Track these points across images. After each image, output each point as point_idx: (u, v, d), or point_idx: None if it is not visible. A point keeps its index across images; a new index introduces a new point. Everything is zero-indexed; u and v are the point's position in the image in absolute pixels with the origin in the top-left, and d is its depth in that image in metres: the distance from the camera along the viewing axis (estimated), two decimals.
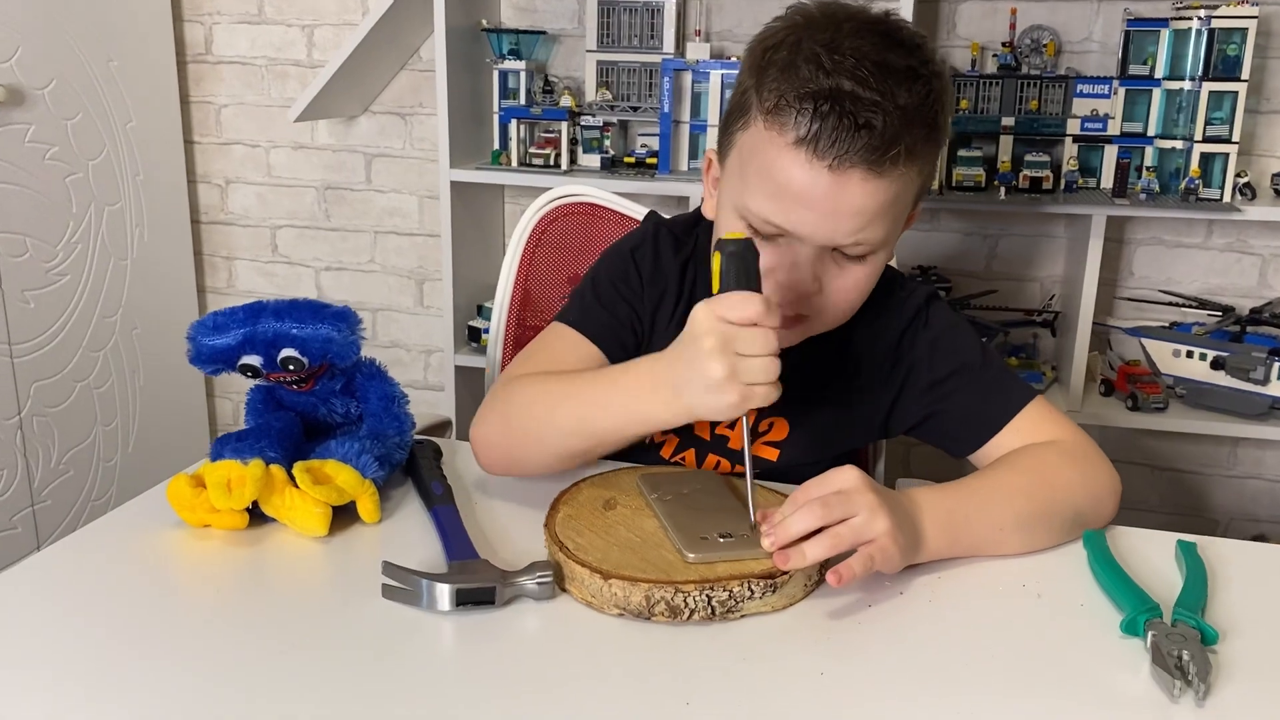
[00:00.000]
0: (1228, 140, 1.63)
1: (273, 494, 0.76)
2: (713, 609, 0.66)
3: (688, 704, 0.58)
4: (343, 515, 0.78)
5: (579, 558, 0.69)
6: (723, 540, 0.70)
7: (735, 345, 0.67)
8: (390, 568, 0.68)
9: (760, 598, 0.67)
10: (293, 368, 0.81)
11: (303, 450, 0.82)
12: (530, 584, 0.68)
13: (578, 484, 0.81)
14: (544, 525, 0.75)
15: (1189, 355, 1.70)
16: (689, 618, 0.66)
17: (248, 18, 2.13)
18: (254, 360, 0.80)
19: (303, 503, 0.76)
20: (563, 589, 0.69)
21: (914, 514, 0.72)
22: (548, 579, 0.68)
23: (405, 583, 0.68)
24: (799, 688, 0.60)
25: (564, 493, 0.79)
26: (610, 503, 0.78)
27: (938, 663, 0.63)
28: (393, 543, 0.77)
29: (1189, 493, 1.93)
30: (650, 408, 0.74)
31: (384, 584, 0.68)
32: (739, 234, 0.72)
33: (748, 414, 0.71)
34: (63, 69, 1.83)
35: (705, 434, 0.92)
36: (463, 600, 0.66)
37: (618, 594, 0.66)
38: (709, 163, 0.88)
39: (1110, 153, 1.72)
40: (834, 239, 0.77)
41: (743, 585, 0.66)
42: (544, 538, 0.74)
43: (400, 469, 0.86)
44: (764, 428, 0.92)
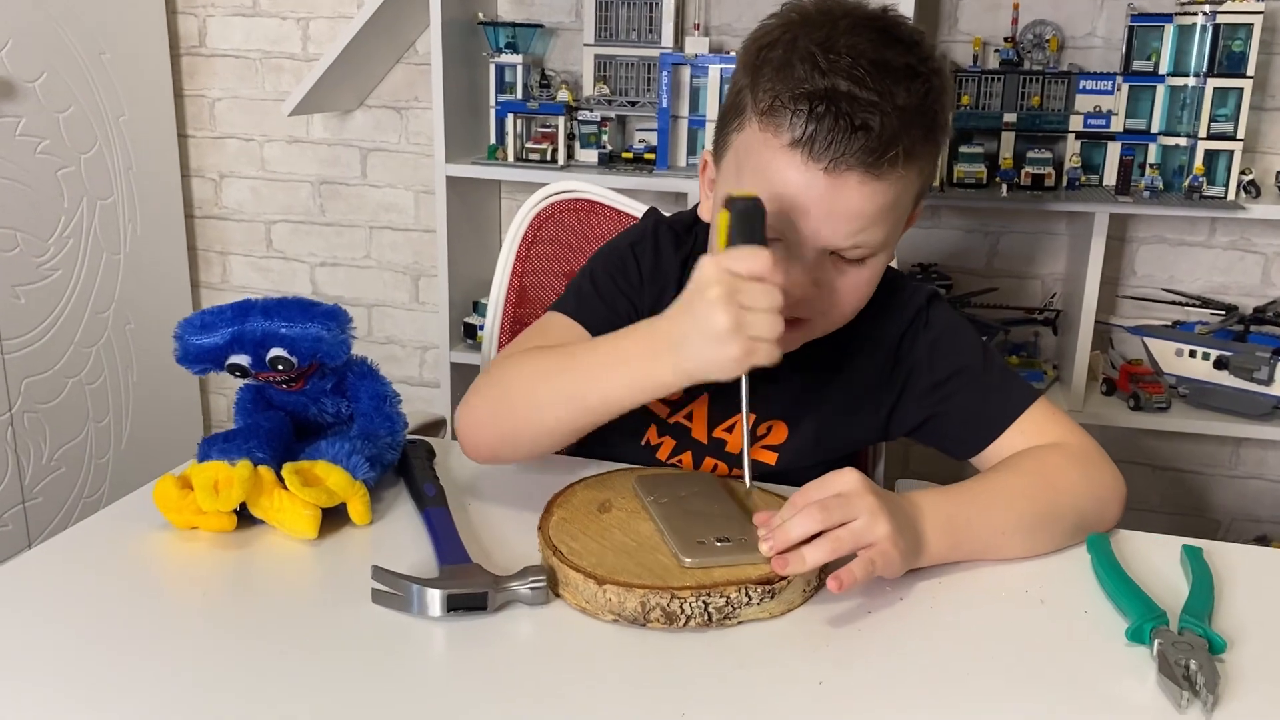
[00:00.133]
0: (1232, 137, 1.61)
1: (261, 495, 0.75)
2: (709, 615, 0.65)
3: (683, 714, 0.57)
4: (333, 517, 0.77)
5: (573, 562, 0.68)
6: (720, 545, 0.70)
7: (740, 297, 0.66)
8: (380, 572, 0.67)
9: (758, 604, 0.66)
10: (282, 367, 0.80)
11: (292, 451, 0.82)
12: (523, 589, 0.67)
13: (572, 486, 0.80)
14: (537, 528, 0.73)
15: (1192, 355, 1.69)
16: (685, 624, 0.65)
17: (242, 10, 2.12)
18: (242, 360, 0.79)
19: (292, 505, 0.75)
20: (556, 594, 0.69)
21: (915, 517, 0.71)
22: (541, 584, 0.67)
23: (395, 588, 0.67)
24: (797, 696, 0.59)
25: (558, 495, 0.78)
26: (605, 505, 0.77)
27: (939, 671, 0.62)
28: (384, 545, 0.76)
29: (1190, 493, 1.92)
30: (647, 369, 0.71)
31: (373, 589, 0.67)
32: (748, 192, 0.70)
33: (748, 416, 0.70)
34: (54, 61, 1.82)
35: (702, 437, 0.91)
36: (454, 606, 0.66)
37: (612, 600, 0.65)
38: (704, 164, 0.87)
39: (1113, 150, 1.70)
40: (832, 242, 0.76)
41: (740, 591, 0.66)
42: (537, 541, 0.73)
43: (392, 469, 0.86)
44: (762, 431, 0.90)
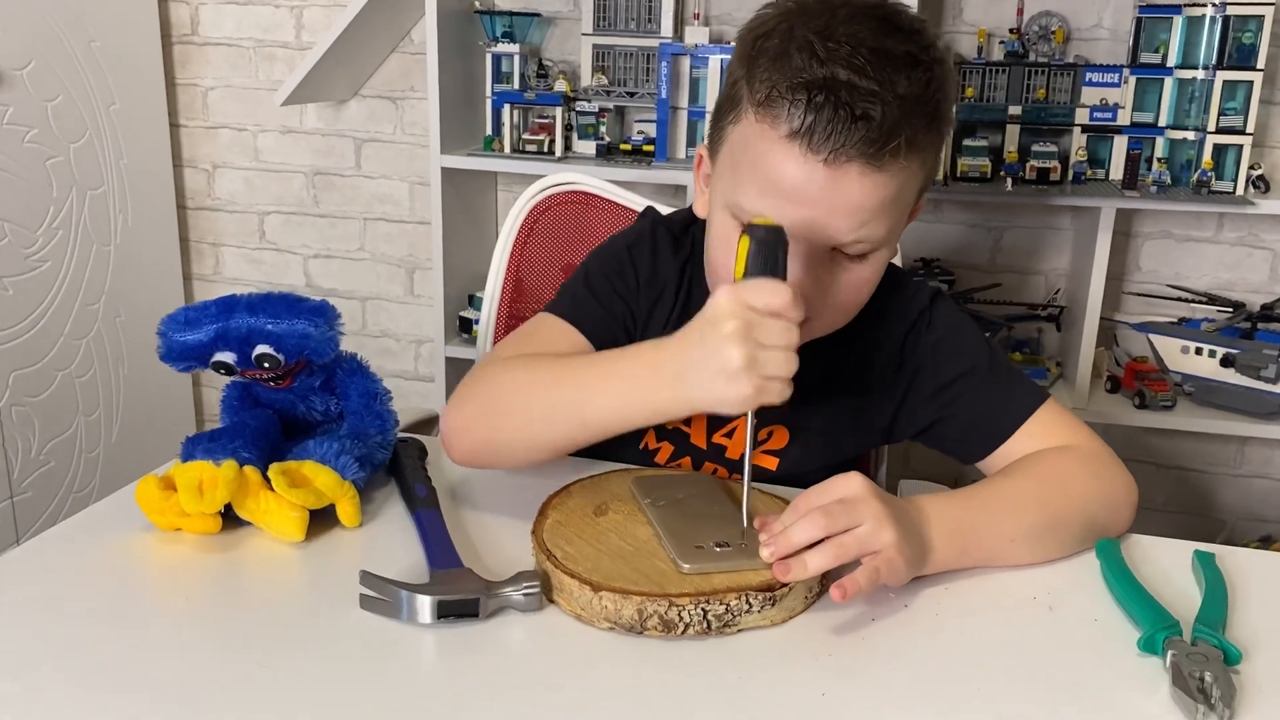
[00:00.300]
0: (1241, 131, 1.59)
1: (247, 497, 0.74)
2: (708, 623, 0.63)
3: None
4: (321, 519, 0.75)
5: (568, 568, 0.66)
6: (719, 550, 0.68)
7: (757, 334, 0.63)
8: (368, 577, 0.66)
9: (759, 611, 0.65)
10: (268, 365, 0.78)
11: (280, 450, 0.80)
12: (516, 595, 0.65)
13: (567, 488, 0.78)
14: (531, 532, 0.72)
15: (1198, 352, 1.67)
16: (684, 632, 0.63)
17: None
18: (227, 357, 0.78)
19: (278, 506, 0.73)
20: (550, 601, 0.67)
21: (921, 524, 0.70)
22: (534, 590, 0.65)
23: (384, 593, 0.65)
24: (799, 707, 0.58)
25: (553, 497, 0.76)
26: (601, 508, 0.75)
27: (944, 680, 0.61)
28: (373, 548, 0.74)
29: (1194, 492, 1.91)
30: (649, 395, 0.69)
31: (362, 594, 0.65)
32: (768, 219, 0.68)
33: (751, 418, 0.68)
34: (42, 49, 1.79)
35: (701, 442, 0.89)
36: (444, 613, 0.64)
37: (608, 607, 0.63)
38: (700, 159, 0.84)
39: (1120, 143, 1.68)
40: (832, 238, 0.73)
41: (740, 598, 0.64)
42: (531, 545, 0.71)
43: (384, 468, 0.84)
44: (763, 436, 0.88)
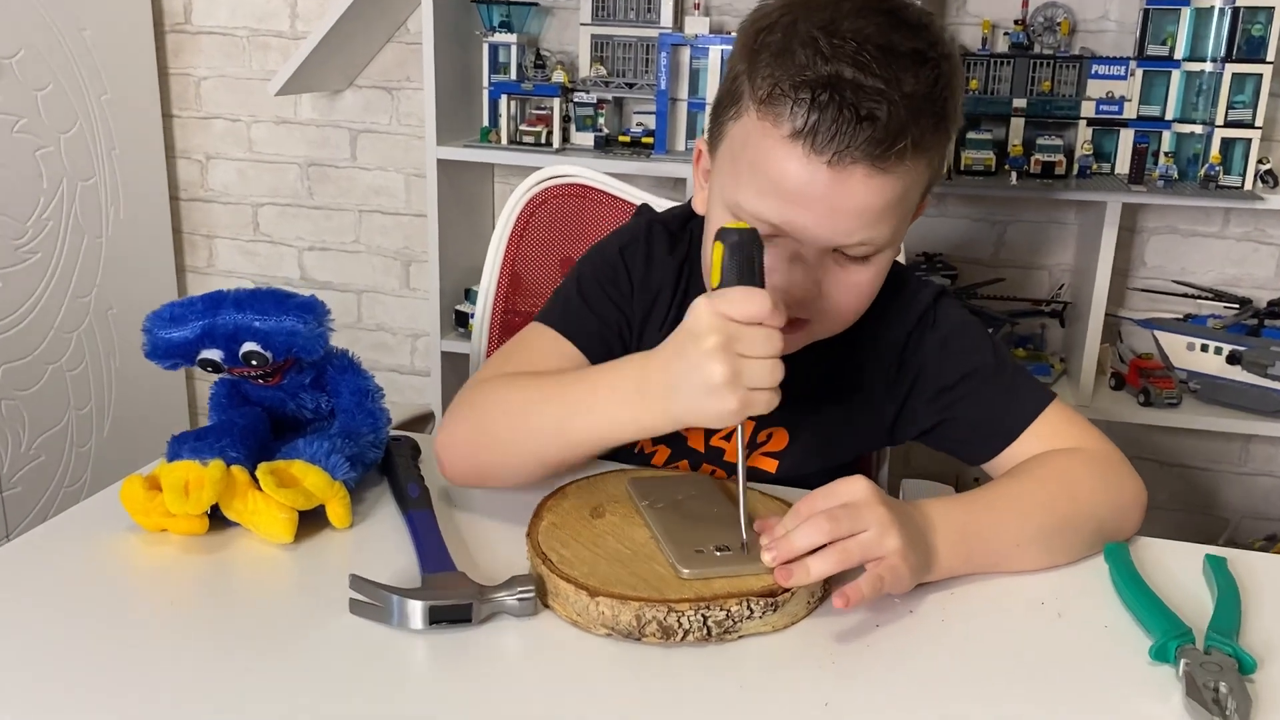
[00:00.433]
0: (1250, 125, 1.58)
1: (234, 497, 0.72)
2: (709, 629, 0.62)
3: None
4: (311, 519, 0.74)
5: (563, 572, 0.64)
6: (719, 554, 0.66)
7: (738, 345, 0.62)
8: (358, 582, 0.64)
9: (760, 617, 0.63)
10: (255, 362, 0.77)
11: (269, 449, 0.79)
12: (510, 600, 0.64)
13: (563, 489, 0.76)
14: (526, 534, 0.70)
15: (1204, 349, 1.66)
16: (683, 639, 0.62)
17: None
18: (214, 355, 0.76)
19: (267, 507, 0.72)
20: (545, 606, 0.65)
21: (926, 530, 0.68)
22: (529, 595, 0.64)
23: (374, 598, 0.63)
24: (802, 715, 0.57)
25: (548, 498, 0.74)
26: (598, 510, 0.73)
27: (950, 688, 0.60)
28: (364, 550, 0.73)
29: (1198, 490, 1.89)
30: (635, 412, 0.68)
31: (352, 599, 0.64)
32: (742, 224, 0.67)
33: (744, 423, 0.66)
34: (31, 37, 1.77)
35: (699, 445, 0.87)
36: (436, 618, 0.63)
37: (605, 613, 0.62)
38: (699, 153, 0.82)
39: (1126, 137, 1.67)
40: (835, 239, 0.72)
41: (741, 604, 0.62)
42: (525, 548, 0.69)
43: (376, 467, 0.82)
44: (762, 438, 0.87)
